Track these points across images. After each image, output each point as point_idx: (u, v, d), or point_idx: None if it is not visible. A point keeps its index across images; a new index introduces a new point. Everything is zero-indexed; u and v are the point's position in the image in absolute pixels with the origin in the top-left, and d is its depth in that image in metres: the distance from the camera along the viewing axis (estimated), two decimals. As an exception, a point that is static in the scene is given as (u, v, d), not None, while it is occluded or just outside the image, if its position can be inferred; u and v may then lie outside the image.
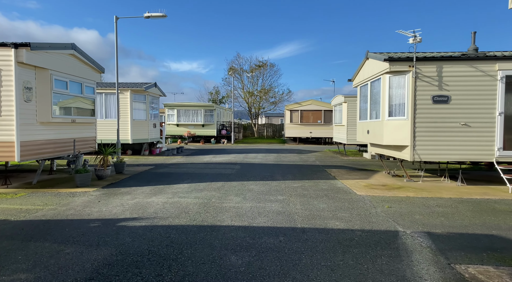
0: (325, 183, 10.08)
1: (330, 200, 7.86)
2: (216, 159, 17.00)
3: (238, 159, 16.82)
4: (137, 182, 10.24)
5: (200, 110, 30.38)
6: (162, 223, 5.90)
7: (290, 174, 11.84)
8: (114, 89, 17.91)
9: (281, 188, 9.21)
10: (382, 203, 7.57)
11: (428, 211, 6.90)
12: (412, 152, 9.60)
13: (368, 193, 8.72)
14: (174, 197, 8.07)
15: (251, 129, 44.77)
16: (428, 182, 10.42)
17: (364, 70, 12.08)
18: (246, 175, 11.51)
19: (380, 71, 10.29)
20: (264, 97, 42.76)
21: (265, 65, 42.27)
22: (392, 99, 10.05)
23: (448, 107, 9.48)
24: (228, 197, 8.04)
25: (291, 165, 14.58)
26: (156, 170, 12.89)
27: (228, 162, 15.49)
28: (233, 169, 13.04)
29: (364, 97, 12.20)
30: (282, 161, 16.14)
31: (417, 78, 9.51)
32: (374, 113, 11.19)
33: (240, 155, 19.25)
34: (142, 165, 14.37)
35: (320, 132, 30.13)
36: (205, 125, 30.54)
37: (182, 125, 30.60)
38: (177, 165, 14.50)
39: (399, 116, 9.88)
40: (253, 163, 15.21)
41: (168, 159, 16.70)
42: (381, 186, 9.69)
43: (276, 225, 5.84)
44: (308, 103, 30.24)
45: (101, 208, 6.94)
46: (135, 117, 18.36)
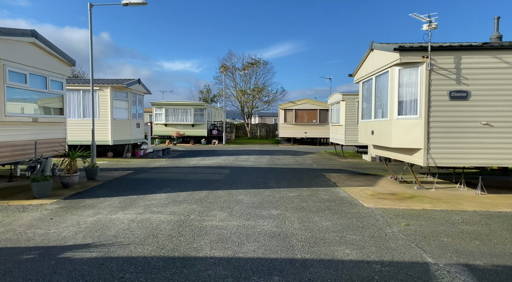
0: (325, 192, 8.76)
1: (334, 215, 6.52)
2: (204, 162, 15.59)
3: (228, 162, 15.44)
4: (108, 191, 8.81)
5: (190, 109, 28.93)
6: (119, 254, 4.51)
7: (285, 180, 10.49)
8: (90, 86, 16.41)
9: (275, 199, 7.86)
10: (397, 219, 6.26)
11: (455, 231, 5.60)
12: (425, 156, 8.32)
13: (377, 204, 7.41)
14: (145, 212, 6.67)
15: (244, 129, 43.38)
16: (442, 189, 9.15)
17: (367, 63, 10.78)
18: (236, 182, 10.13)
19: (388, 63, 8.99)
20: (257, 96, 41.38)
21: (258, 63, 40.93)
22: (403, 95, 8.75)
23: (468, 104, 8.21)
24: (211, 212, 6.67)
25: (286, 169, 13.23)
26: (134, 175, 11.46)
27: (216, 166, 14.10)
28: (221, 174, 11.65)
29: (368, 93, 10.90)
30: (276, 164, 14.80)
31: (432, 71, 8.22)
32: (380, 111, 9.89)
33: (230, 157, 17.87)
34: (121, 169, 12.92)
35: (316, 132, 28.87)
36: (195, 125, 29.09)
37: (171, 125, 29.12)
38: (160, 169, 13.08)
39: (411, 115, 8.58)
40: (245, 167, 13.85)
41: (151, 162, 15.26)
42: (390, 195, 8.39)
43: (269, 256, 4.48)
44: (303, 102, 28.95)
45: (49, 229, 5.52)
46: (116, 116, 16.88)
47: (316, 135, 29.04)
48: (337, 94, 18.72)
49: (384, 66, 9.28)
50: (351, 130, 17.58)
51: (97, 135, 16.33)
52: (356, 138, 17.52)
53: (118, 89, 16.91)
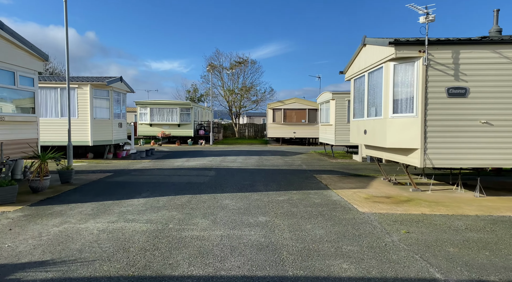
0: (317, 195, 8.21)
1: (328, 222, 5.97)
2: (189, 163, 14.91)
3: (215, 163, 14.79)
4: (81, 196, 8.09)
5: (176, 108, 28.14)
6: (80, 273, 3.85)
7: (274, 183, 9.92)
8: (70, 83, 15.56)
9: (264, 204, 7.27)
10: (396, 226, 5.74)
11: (460, 239, 5.10)
12: (422, 156, 7.84)
13: (373, 209, 6.89)
14: (119, 220, 6.00)
15: (231, 129, 42.72)
16: (439, 192, 8.70)
17: (359, 59, 10.29)
18: (221, 185, 9.51)
19: (382, 59, 8.50)
20: (245, 95, 40.74)
21: (246, 62, 40.30)
22: (398, 92, 8.26)
23: (466, 101, 7.76)
24: (192, 220, 6.04)
25: (275, 171, 12.66)
26: (113, 178, 10.73)
27: (202, 168, 13.44)
28: (206, 177, 11.01)
29: (360, 91, 10.41)
30: (264, 166, 14.21)
31: (429, 66, 7.75)
32: (373, 109, 9.40)
33: (217, 158, 17.21)
34: (99, 171, 12.16)
35: (305, 132, 28.42)
36: (181, 125, 28.31)
37: (156, 125, 28.28)
38: (141, 171, 12.35)
39: (407, 113, 8.10)
40: (231, 168, 13.22)
41: (133, 164, 14.50)
42: (385, 199, 7.89)
43: (256, 273, 3.89)
44: (292, 101, 28.47)
45: (4, 243, 4.82)
46: (97, 116, 16.06)
47: (305, 135, 28.59)
48: (327, 93, 18.26)
49: (378, 61, 8.79)
50: (341, 129, 17.13)
51: (76, 135, 15.51)
52: (347, 138, 17.08)
53: (99, 87, 16.09)
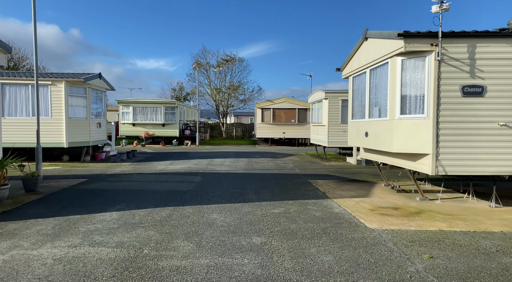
0: (316, 206, 7.27)
1: (335, 243, 5.03)
2: (173, 167, 13.81)
3: (201, 167, 13.74)
4: (45, 208, 6.97)
5: (160, 107, 26.90)
6: None
7: (266, 190, 8.95)
8: (42, 79, 14.28)
9: (257, 218, 6.29)
10: (415, 248, 4.84)
11: (497, 268, 4.23)
12: (434, 162, 7.00)
13: (382, 224, 6.00)
14: (83, 243, 4.93)
15: (219, 129, 41.61)
16: (448, 201, 7.88)
17: (360, 55, 9.41)
18: (208, 194, 8.49)
19: (388, 53, 7.62)
20: (233, 94, 39.66)
21: (234, 59, 39.19)
22: (406, 91, 7.39)
23: (483, 101, 6.95)
24: (172, 243, 5.02)
25: (266, 175, 11.70)
26: (86, 185, 9.59)
27: (187, 172, 12.38)
28: (191, 183, 9.96)
29: (360, 89, 9.54)
30: (254, 169, 13.23)
31: (442, 62, 6.90)
32: (376, 109, 8.53)
33: (204, 160, 16.15)
34: (73, 176, 10.98)
35: (294, 133, 27.57)
36: (165, 125, 27.09)
37: (139, 125, 26.98)
38: (119, 176, 11.21)
39: (416, 114, 7.24)
40: (219, 173, 12.20)
41: (112, 167, 13.33)
42: (393, 210, 7.02)
43: (253, 330, 2.91)
44: (281, 100, 27.58)
45: None
46: (72, 115, 14.82)
47: (295, 136, 27.75)
48: (319, 92, 17.40)
49: (383, 56, 7.91)
50: (334, 130, 16.30)
51: (50, 136, 14.27)
52: (340, 139, 16.27)
53: (75, 84, 14.84)
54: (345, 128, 16.25)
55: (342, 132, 16.28)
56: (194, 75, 38.46)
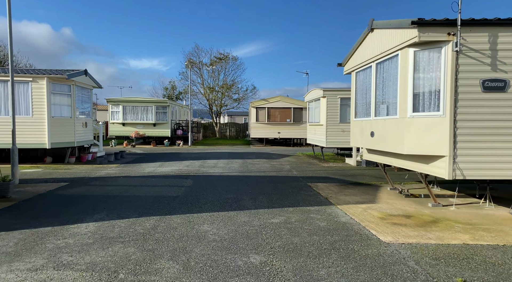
0: (319, 214, 6.52)
1: (347, 262, 4.27)
2: (162, 169, 12.97)
3: (193, 169, 12.92)
4: (13, 218, 6.12)
5: (151, 106, 25.98)
6: None
7: (263, 196, 8.17)
8: (22, 76, 13.36)
9: (254, 230, 5.51)
10: (442, 268, 4.10)
11: (546, 294, 3.50)
12: (450, 165, 6.28)
13: (398, 237, 5.26)
14: (47, 265, 4.11)
15: (212, 128, 40.74)
16: (463, 207, 7.18)
17: (364, 48, 8.68)
18: (199, 200, 7.69)
19: (399, 45, 6.89)
20: (226, 93, 38.80)
21: (227, 58, 38.34)
22: (419, 86, 6.67)
23: (506, 97, 6.25)
24: (155, 263, 4.22)
25: (262, 178, 10.92)
26: (66, 190, 8.73)
27: (177, 175, 11.55)
28: (181, 188, 9.15)
29: (365, 85, 8.81)
30: (250, 171, 12.45)
31: (460, 53, 6.19)
32: (383, 107, 7.80)
33: (196, 162, 15.32)
34: (53, 180, 10.11)
35: (290, 132, 26.84)
36: (157, 124, 26.18)
37: (129, 124, 26.04)
38: (104, 180, 10.36)
39: (431, 111, 6.52)
40: (212, 175, 11.40)
41: (97, 170, 12.45)
42: (406, 219, 6.29)
43: None
44: (276, 99, 26.83)
45: None
46: (56, 114, 13.91)
47: (290, 136, 27.02)
48: (317, 90, 16.67)
49: (392, 48, 7.18)
50: (333, 130, 15.58)
51: (31, 136, 13.36)
52: (339, 139, 15.56)
53: (58, 81, 13.93)
54: (344, 128, 15.55)
55: (341, 132, 15.58)
56: (187, 74, 37.50)
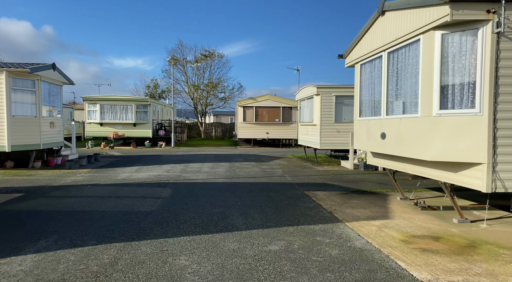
0: (327, 237, 5.23)
1: (384, 323, 2.98)
2: (139, 175, 11.48)
3: (173, 175, 11.48)
4: None
5: (131, 105, 24.32)
6: None
7: (256, 209, 6.84)
8: (-24, 68, 11.67)
9: (248, 265, 4.17)
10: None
11: None
12: (489, 175, 5.08)
13: (435, 272, 4.00)
14: None
15: (197, 129, 39.19)
16: (496, 224, 6.00)
17: (372, 35, 7.44)
18: (178, 217, 6.30)
19: (422, 27, 5.67)
20: (212, 92, 37.31)
21: (213, 55, 36.83)
22: (448, 76, 5.45)
23: (556, 91, 5.08)
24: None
25: (253, 185, 9.58)
26: (16, 204, 7.21)
27: (155, 182, 10.10)
28: (157, 199, 7.73)
29: (373, 79, 7.58)
30: (238, 177, 11.10)
31: (502, 36, 4.99)
32: (398, 104, 6.57)
33: (177, 166, 13.87)
34: (6, 190, 8.54)
35: (278, 133, 25.59)
36: (137, 124, 24.54)
37: (108, 124, 24.32)
38: (67, 189, 8.84)
39: (463, 109, 5.30)
40: (195, 183, 10.00)
41: (64, 176, 10.89)
42: (434, 241, 5.06)
43: None
44: (264, 98, 25.54)
45: None
46: (17, 113, 12.26)
47: (279, 136, 25.77)
48: (310, 87, 15.43)
49: (411, 32, 5.95)
50: (327, 130, 14.38)
51: (-14, 138, 11.67)
52: (334, 140, 14.38)
53: (20, 75, 12.28)
54: (339, 128, 14.37)
55: (336, 133, 14.39)
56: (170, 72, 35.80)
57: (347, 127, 14.34)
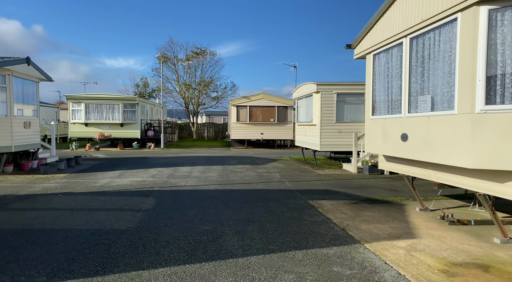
0: (346, 266, 4.11)
1: None
2: (120, 181, 10.26)
3: (159, 181, 10.29)
4: None
5: (118, 104, 23.00)
6: None
7: (254, 225, 5.70)
8: None
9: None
10: None
11: None
12: (550, 187, 4.00)
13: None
14: None
15: (189, 129, 37.88)
16: (546, 243, 4.95)
17: (389, 20, 6.35)
18: (158, 238, 5.13)
19: (461, 2, 4.58)
20: (204, 91, 36.02)
21: (205, 52, 35.54)
22: (497, 64, 4.36)
23: None
24: None
25: (249, 193, 8.44)
26: (-36, 220, 5.96)
27: (136, 190, 8.90)
28: (136, 213, 6.54)
29: (389, 70, 6.49)
30: (232, 183, 9.95)
31: None
32: (424, 99, 5.48)
33: (165, 170, 12.67)
34: (-41, 202, 7.27)
35: (273, 133, 24.49)
36: (124, 125, 23.23)
37: (93, 125, 22.97)
38: (34, 200, 7.60)
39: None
40: (183, 191, 8.83)
41: (35, 182, 9.63)
42: (483, 273, 3.98)
43: None
44: (259, 97, 24.41)
45: None
46: (-16, 111, 10.95)
47: (274, 137, 24.66)
48: (309, 84, 14.34)
49: (444, 11, 4.86)
50: (328, 131, 13.30)
51: None
52: (335, 142, 13.31)
53: (-13, 69, 10.97)
54: (341, 128, 13.31)
55: (337, 133, 13.33)
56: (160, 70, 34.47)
57: (350, 127, 13.29)
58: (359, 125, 13.34)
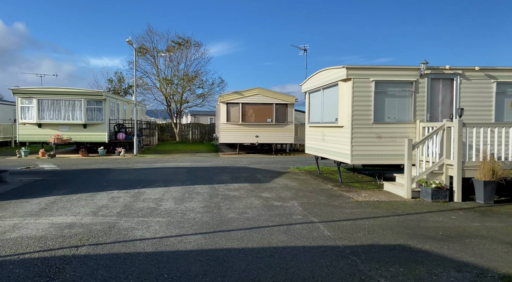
0: None
1: None
2: (27, 227, 5.94)
3: (101, 225, 6.04)
4: None
5: (80, 100, 18.55)
6: None
7: None
8: None
9: None
10: None
11: None
12: None
13: None
14: None
15: (171, 130, 33.51)
16: None
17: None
18: None
19: None
20: (188, 86, 31.60)
21: (188, 42, 31.15)
22: None
23: None
24: None
25: (262, 262, 4.28)
26: None
27: (41, 258, 4.63)
28: None
29: None
30: (226, 228, 5.77)
31: None
32: None
33: (122, 196, 8.39)
34: None
35: (271, 136, 20.41)
36: (88, 125, 18.80)
37: (48, 125, 18.48)
38: None
39: None
40: (133, 257, 4.61)
41: None
42: None
43: None
44: (253, 92, 20.28)
45: None
46: None
47: (272, 140, 20.60)
48: (332, 69, 10.26)
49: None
50: (363, 135, 9.29)
51: None
52: (374, 150, 9.27)
53: None
54: (381, 132, 9.32)
55: (376, 139, 9.33)
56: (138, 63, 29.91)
57: (393, 130, 9.32)
58: (405, 127, 9.38)
